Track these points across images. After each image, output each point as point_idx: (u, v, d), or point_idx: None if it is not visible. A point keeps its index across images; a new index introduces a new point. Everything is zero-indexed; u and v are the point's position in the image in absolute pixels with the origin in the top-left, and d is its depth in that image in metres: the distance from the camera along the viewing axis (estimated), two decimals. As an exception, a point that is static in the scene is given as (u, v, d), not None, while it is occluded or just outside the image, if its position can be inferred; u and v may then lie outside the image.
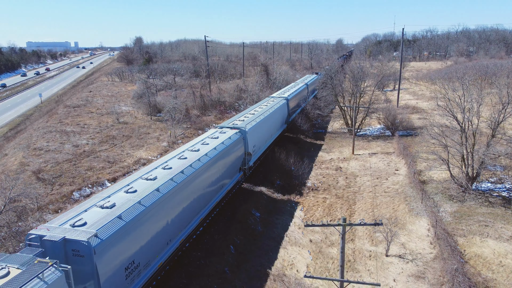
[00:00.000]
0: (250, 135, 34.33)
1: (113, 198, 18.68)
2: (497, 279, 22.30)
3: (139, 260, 17.85)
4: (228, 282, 22.11)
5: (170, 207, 20.63)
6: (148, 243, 18.48)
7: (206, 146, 27.99)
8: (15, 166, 38.73)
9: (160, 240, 19.73)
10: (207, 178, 25.61)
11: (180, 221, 21.92)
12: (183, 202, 22.12)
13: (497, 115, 32.24)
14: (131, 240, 17.16)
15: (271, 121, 42.53)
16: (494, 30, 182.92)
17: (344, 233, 17.10)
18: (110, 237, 15.72)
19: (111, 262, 15.76)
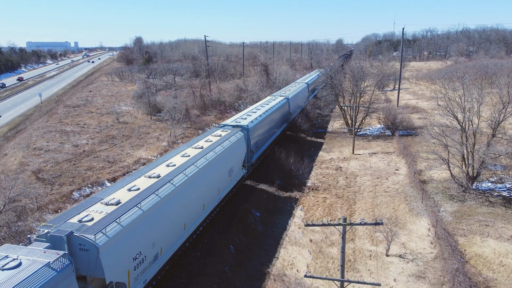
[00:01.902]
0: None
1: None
2: (498, 278, 22.26)
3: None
4: (228, 282, 22.07)
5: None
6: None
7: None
8: (14, 166, 38.69)
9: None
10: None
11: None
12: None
13: (497, 114, 32.22)
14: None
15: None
16: (494, 30, 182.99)
17: (345, 233, 17.06)
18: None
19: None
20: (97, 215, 16.75)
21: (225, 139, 30.24)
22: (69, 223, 16.02)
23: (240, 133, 33.31)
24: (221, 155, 27.93)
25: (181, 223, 21.81)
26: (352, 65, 73.23)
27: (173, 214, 20.67)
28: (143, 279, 17.96)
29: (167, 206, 20.02)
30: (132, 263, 16.97)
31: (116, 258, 15.94)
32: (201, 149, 27.40)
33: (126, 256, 16.62)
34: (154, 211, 18.84)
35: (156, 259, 19.25)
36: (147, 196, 18.83)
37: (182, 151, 26.85)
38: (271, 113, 42.67)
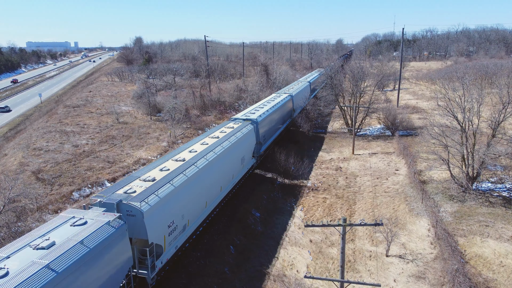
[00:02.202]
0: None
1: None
2: (498, 279, 22.25)
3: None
4: (228, 282, 22.06)
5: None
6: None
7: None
8: (14, 166, 38.68)
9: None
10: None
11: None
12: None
13: (497, 114, 32.20)
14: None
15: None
16: (494, 30, 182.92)
17: (344, 233, 17.05)
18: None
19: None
20: (138, 188, 19.95)
21: (237, 131, 33.29)
22: (116, 194, 19.12)
23: (250, 125, 36.33)
24: (235, 144, 30.96)
25: (203, 201, 25.04)
26: (352, 65, 73.20)
27: (197, 192, 23.84)
28: (174, 245, 21.22)
29: (192, 184, 23.23)
30: (167, 230, 20.18)
31: (156, 223, 19.03)
32: (217, 138, 30.57)
33: (163, 223, 19.77)
34: (183, 188, 22.08)
35: (184, 229, 22.44)
36: (176, 175, 21.98)
37: (200, 140, 30.25)
38: (277, 109, 45.44)
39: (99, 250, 15.39)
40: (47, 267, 13.00)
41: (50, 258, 13.48)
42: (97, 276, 15.28)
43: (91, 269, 14.94)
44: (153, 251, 19.00)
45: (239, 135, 32.62)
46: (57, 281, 13.03)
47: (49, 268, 13.05)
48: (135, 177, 21.58)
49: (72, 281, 13.79)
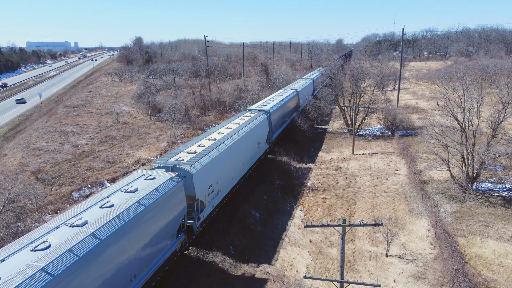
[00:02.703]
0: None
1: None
2: (498, 279, 22.24)
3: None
4: (228, 282, 22.05)
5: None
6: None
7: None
8: (14, 166, 38.67)
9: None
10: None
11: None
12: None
13: (497, 115, 32.17)
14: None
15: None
16: (494, 30, 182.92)
17: (344, 234, 17.04)
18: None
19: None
20: (185, 158, 25.49)
21: (254, 119, 38.48)
22: (170, 161, 24.76)
23: (264, 115, 41.29)
24: (252, 130, 36.23)
25: (231, 173, 30.60)
26: (352, 65, 73.19)
27: (227, 165, 29.30)
28: (211, 204, 26.66)
29: (223, 158, 28.58)
30: (207, 191, 25.45)
31: (200, 184, 24.34)
32: (238, 124, 35.97)
33: (205, 184, 25.04)
34: (217, 160, 27.36)
35: (218, 193, 27.78)
36: (212, 150, 27.53)
37: (225, 125, 35.82)
38: (286, 102, 50.89)
39: (167, 196, 20.67)
40: (138, 202, 18.71)
41: (138, 197, 19.07)
42: (166, 215, 20.68)
43: (163, 208, 20.32)
44: (198, 206, 24.15)
45: (255, 122, 37.88)
46: (146, 212, 18.74)
47: (139, 203, 18.67)
48: (180, 150, 27.48)
49: (155, 213, 19.54)
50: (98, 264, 15.45)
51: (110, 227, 16.49)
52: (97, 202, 18.68)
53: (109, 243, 16.06)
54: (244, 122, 36.47)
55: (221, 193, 28.34)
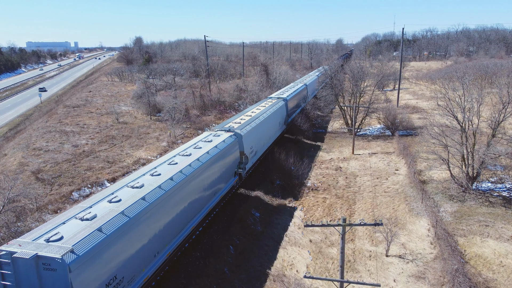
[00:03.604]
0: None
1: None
2: (498, 279, 22.23)
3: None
4: (228, 282, 22.04)
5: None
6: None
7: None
8: (14, 166, 38.67)
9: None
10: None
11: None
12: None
13: (497, 114, 32.16)
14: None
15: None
16: (494, 30, 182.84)
17: (344, 233, 17.03)
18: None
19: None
20: (236, 124, 34.62)
21: (275, 104, 46.61)
22: (226, 126, 33.80)
23: (282, 102, 49.23)
24: (275, 112, 44.38)
25: (262, 141, 38.79)
26: (352, 65, 73.18)
27: (260, 134, 37.67)
28: (252, 160, 35.43)
29: (259, 128, 37.21)
30: (250, 149, 34.40)
31: (247, 143, 33.28)
32: (264, 107, 44.34)
33: (249, 144, 33.81)
34: (255, 129, 35.86)
35: (255, 154, 36.52)
36: (253, 121, 36.87)
37: (255, 107, 44.64)
38: (298, 92, 59.65)
39: (229, 147, 29.62)
40: (215, 147, 27.46)
41: (214, 144, 27.90)
42: (229, 161, 29.68)
43: (228, 155, 29.15)
44: (245, 159, 32.65)
45: (276, 107, 45.91)
46: (217, 156, 26.68)
47: (216, 147, 27.43)
48: (229, 121, 36.71)
49: (225, 154, 28.36)
50: (193, 187, 23.18)
51: (206, 155, 25.85)
52: (189, 147, 27.48)
53: (206, 167, 25.08)
54: (268, 106, 45.05)
55: (257, 155, 37.33)
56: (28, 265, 13.76)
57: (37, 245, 14.21)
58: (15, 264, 13.96)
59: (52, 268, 13.68)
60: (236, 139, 31.62)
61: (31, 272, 13.84)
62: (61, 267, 13.54)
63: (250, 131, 34.59)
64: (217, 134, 31.41)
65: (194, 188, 22.99)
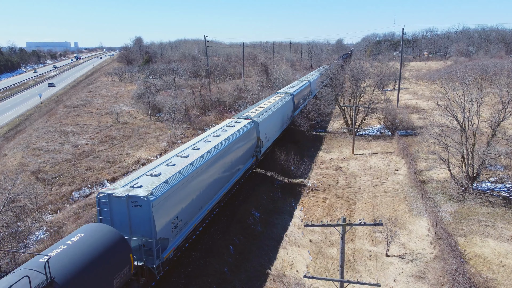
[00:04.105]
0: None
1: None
2: (498, 279, 22.23)
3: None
4: (228, 282, 22.05)
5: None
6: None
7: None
8: (14, 166, 38.69)
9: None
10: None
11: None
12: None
13: (497, 114, 32.16)
14: None
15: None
16: (494, 30, 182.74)
17: (344, 233, 17.03)
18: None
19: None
20: (252, 114, 39.91)
21: (283, 99, 51.49)
22: (244, 114, 39.61)
23: (289, 96, 54.36)
24: (284, 105, 49.47)
25: (274, 129, 43.85)
26: (352, 65, 73.19)
27: (272, 123, 42.88)
28: (266, 145, 39.72)
29: (270, 118, 41.99)
30: (265, 135, 39.02)
31: (262, 130, 38.16)
32: (274, 100, 49.36)
33: (264, 131, 38.78)
34: (268, 118, 40.76)
35: (269, 140, 41.10)
36: (266, 111, 41.91)
37: (266, 100, 50.63)
38: (302, 89, 64.42)
39: (249, 132, 34.61)
40: (238, 130, 32.04)
41: (236, 129, 32.43)
42: (248, 143, 34.48)
43: (247, 139, 34.01)
44: (260, 143, 37.46)
45: (284, 101, 50.85)
46: (240, 138, 31.68)
47: (239, 130, 32.27)
48: (247, 110, 42.30)
49: (245, 139, 33.04)
50: (223, 161, 28.21)
51: (232, 136, 30.86)
52: (216, 130, 32.69)
53: (232, 146, 30.07)
54: (278, 99, 50.07)
55: (269, 141, 41.47)
56: (121, 203, 18.86)
57: (126, 189, 19.36)
58: (111, 203, 19.00)
59: (139, 205, 18.71)
60: (254, 126, 36.49)
61: (123, 208, 18.87)
62: (146, 204, 18.61)
63: (265, 119, 39.52)
64: (238, 121, 36.33)
65: (224, 161, 28.36)
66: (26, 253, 22.02)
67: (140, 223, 18.90)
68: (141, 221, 18.83)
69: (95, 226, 16.99)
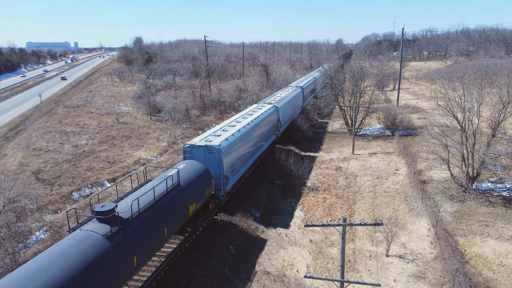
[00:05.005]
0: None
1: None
2: (498, 279, 22.23)
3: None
4: (228, 283, 22.05)
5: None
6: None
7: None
8: (14, 166, 38.69)
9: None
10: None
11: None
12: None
13: (497, 114, 32.17)
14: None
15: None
16: (494, 30, 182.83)
17: (344, 233, 17.03)
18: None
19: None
20: (273, 100, 48.63)
21: (295, 91, 59.16)
22: (267, 100, 49.01)
23: (299, 89, 61.84)
24: (295, 96, 56.22)
25: (288, 115, 50.63)
26: (352, 65, 73.22)
27: (287, 109, 49.90)
28: (283, 127, 47.63)
29: (286, 105, 48.91)
30: (282, 119, 46.31)
31: (281, 113, 46.33)
32: (287, 92, 57.42)
33: (282, 115, 46.50)
34: (284, 105, 47.77)
35: (284, 123, 47.67)
36: (282, 100, 49.04)
37: (280, 92, 58.60)
38: (309, 84, 72.40)
39: (272, 114, 41.92)
40: (262, 114, 39.53)
41: (263, 111, 40.20)
42: (271, 123, 42.36)
43: (271, 119, 41.75)
44: (280, 124, 45.67)
45: (295, 92, 58.36)
46: (266, 118, 39.96)
47: (266, 111, 41.34)
48: (268, 98, 51.17)
49: (269, 119, 41.10)
50: (257, 132, 36.87)
51: (261, 115, 39.21)
52: (248, 111, 41.54)
53: (262, 122, 38.34)
54: (290, 91, 57.83)
55: (285, 124, 48.83)
56: (200, 151, 27.87)
57: (203, 142, 28.45)
58: (193, 150, 28.02)
59: (212, 151, 27.72)
60: (275, 110, 44.27)
61: (201, 154, 27.85)
62: (217, 151, 27.60)
63: (283, 105, 47.43)
64: (262, 105, 44.59)
65: (257, 133, 37.02)
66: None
67: (213, 165, 27.58)
68: (213, 163, 27.65)
69: (190, 161, 25.95)
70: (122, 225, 16.27)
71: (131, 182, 27.60)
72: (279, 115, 44.88)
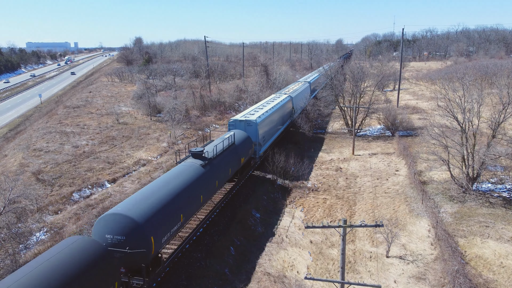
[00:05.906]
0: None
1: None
2: (498, 280, 22.24)
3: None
4: (228, 283, 22.06)
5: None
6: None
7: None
8: (14, 167, 38.69)
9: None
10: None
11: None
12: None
13: (497, 115, 32.16)
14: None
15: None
16: (494, 30, 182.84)
17: (345, 235, 17.04)
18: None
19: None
20: (288, 92, 57.81)
21: (304, 85, 66.78)
22: (284, 92, 59.01)
23: (307, 83, 70.01)
24: (304, 90, 63.62)
25: (299, 105, 57.64)
26: (352, 65, 73.23)
27: (298, 100, 57.41)
28: (295, 115, 55.41)
29: (297, 97, 57.04)
30: (296, 107, 55.99)
31: (295, 102, 56.18)
32: (298, 85, 65.66)
33: (296, 104, 55.89)
34: (296, 97, 56.69)
35: (297, 111, 55.46)
36: (294, 92, 57.45)
37: (291, 85, 67.07)
38: (316, 79, 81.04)
39: (288, 103, 51.67)
40: (281, 101, 49.46)
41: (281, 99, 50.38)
42: (286, 110, 50.97)
43: (287, 106, 51.33)
44: (294, 112, 54.52)
45: (304, 86, 66.27)
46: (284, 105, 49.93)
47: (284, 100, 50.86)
48: (284, 89, 61.40)
49: (286, 106, 50.92)
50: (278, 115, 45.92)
51: (281, 102, 48.40)
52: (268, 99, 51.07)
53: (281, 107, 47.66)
54: (301, 85, 66.79)
55: (297, 112, 55.49)
56: (241, 124, 36.73)
57: (243, 118, 37.65)
58: (236, 124, 36.84)
59: (251, 125, 36.75)
60: (290, 99, 52.85)
61: (242, 126, 36.57)
62: (254, 124, 36.77)
63: (296, 96, 56.17)
64: (280, 95, 53.64)
65: (278, 115, 45.82)
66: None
67: (251, 135, 36.16)
68: (251, 133, 36.37)
69: (237, 131, 35.04)
70: (208, 161, 26.34)
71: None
72: (293, 103, 53.81)
